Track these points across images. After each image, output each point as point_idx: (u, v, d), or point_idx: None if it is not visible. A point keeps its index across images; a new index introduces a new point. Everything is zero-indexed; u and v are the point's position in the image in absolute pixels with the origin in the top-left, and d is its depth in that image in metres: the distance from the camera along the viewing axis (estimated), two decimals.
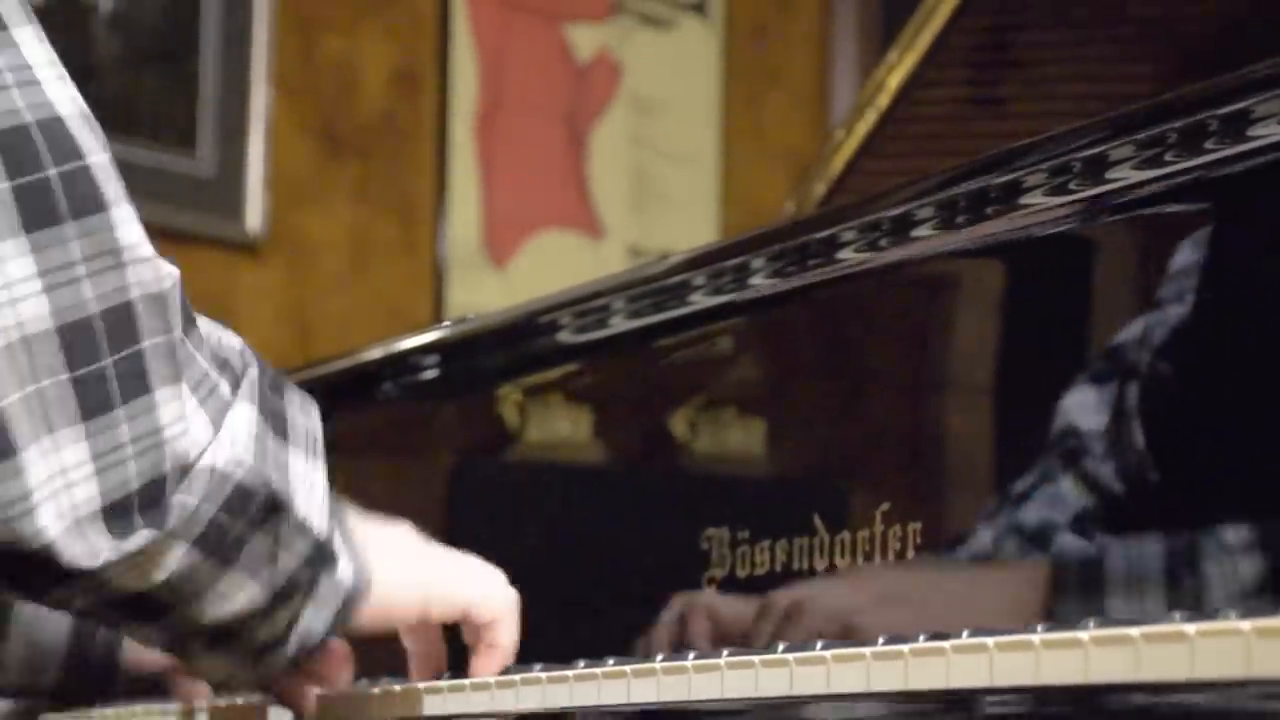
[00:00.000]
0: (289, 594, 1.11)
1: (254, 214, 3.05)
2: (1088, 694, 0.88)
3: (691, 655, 1.10)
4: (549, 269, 3.34)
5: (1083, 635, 0.87)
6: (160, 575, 1.05)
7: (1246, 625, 0.81)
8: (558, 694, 1.16)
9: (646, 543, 1.39)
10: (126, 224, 1.05)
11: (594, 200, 3.49)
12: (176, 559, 1.05)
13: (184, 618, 1.09)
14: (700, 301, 1.36)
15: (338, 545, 1.15)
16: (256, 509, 1.08)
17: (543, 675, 1.17)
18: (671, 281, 1.38)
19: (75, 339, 1.01)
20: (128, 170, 1.13)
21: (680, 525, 1.33)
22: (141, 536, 1.02)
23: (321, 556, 1.12)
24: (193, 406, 1.04)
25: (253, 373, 1.10)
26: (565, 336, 1.47)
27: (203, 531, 1.05)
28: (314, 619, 1.14)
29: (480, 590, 1.26)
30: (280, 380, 1.13)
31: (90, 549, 1.01)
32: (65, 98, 1.06)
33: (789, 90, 3.72)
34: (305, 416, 1.14)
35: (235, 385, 1.08)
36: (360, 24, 3.22)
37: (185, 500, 1.04)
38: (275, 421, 1.10)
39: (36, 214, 1.01)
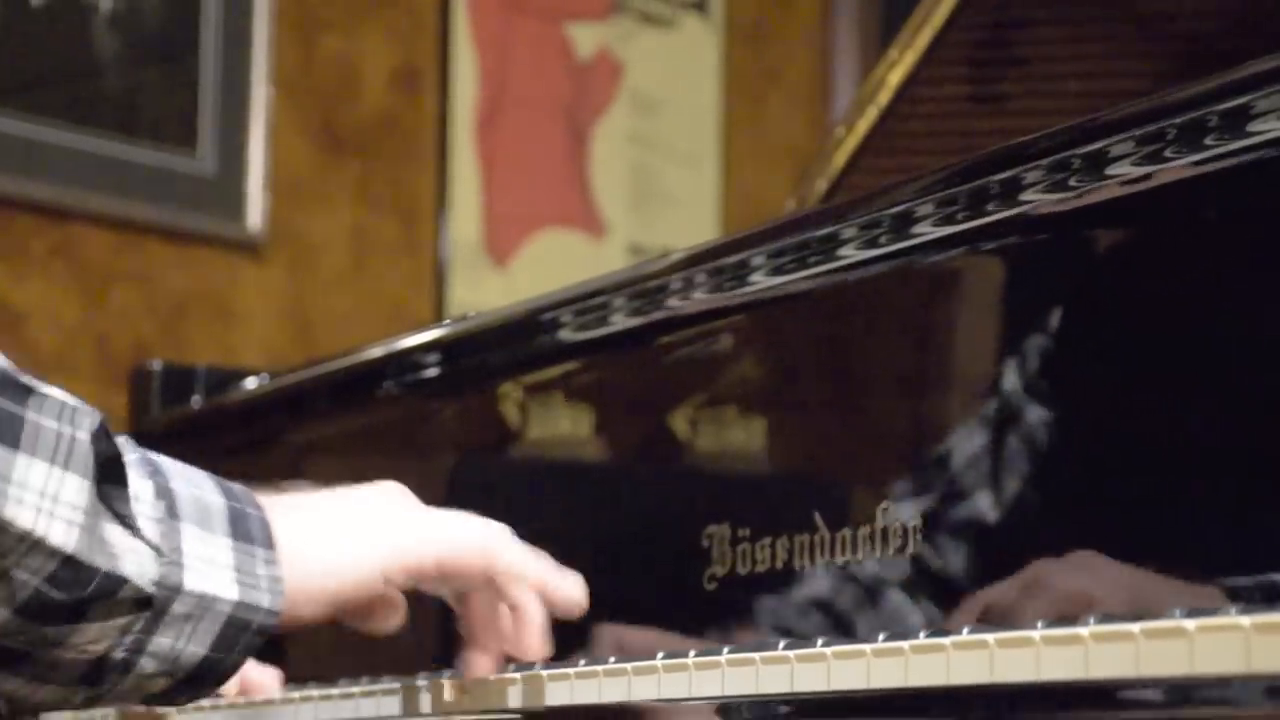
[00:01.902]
0: (48, 614, 1.04)
1: (254, 213, 3.05)
2: (1089, 690, 0.88)
3: (692, 653, 1.10)
4: (550, 268, 3.34)
5: (1083, 631, 0.87)
6: None
7: (1246, 621, 0.81)
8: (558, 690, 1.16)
9: (648, 540, 1.39)
10: None
11: (595, 199, 3.49)
12: None
13: None
14: (701, 299, 1.36)
15: (188, 558, 1.07)
16: None
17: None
18: (672, 279, 1.38)
19: None
20: (128, 170, 1.11)
21: (681, 523, 1.33)
22: None
23: (79, 576, 1.03)
24: None
25: None
26: (566, 334, 1.47)
27: None
28: (181, 642, 1.08)
29: (448, 536, 1.20)
30: (29, 387, 1.04)
31: None
32: None
33: (789, 88, 3.72)
34: (63, 425, 1.05)
35: None
36: (361, 23, 3.22)
37: None
38: (2, 432, 1.02)
39: None
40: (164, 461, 1.12)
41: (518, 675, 1.20)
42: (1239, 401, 1.04)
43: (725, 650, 1.07)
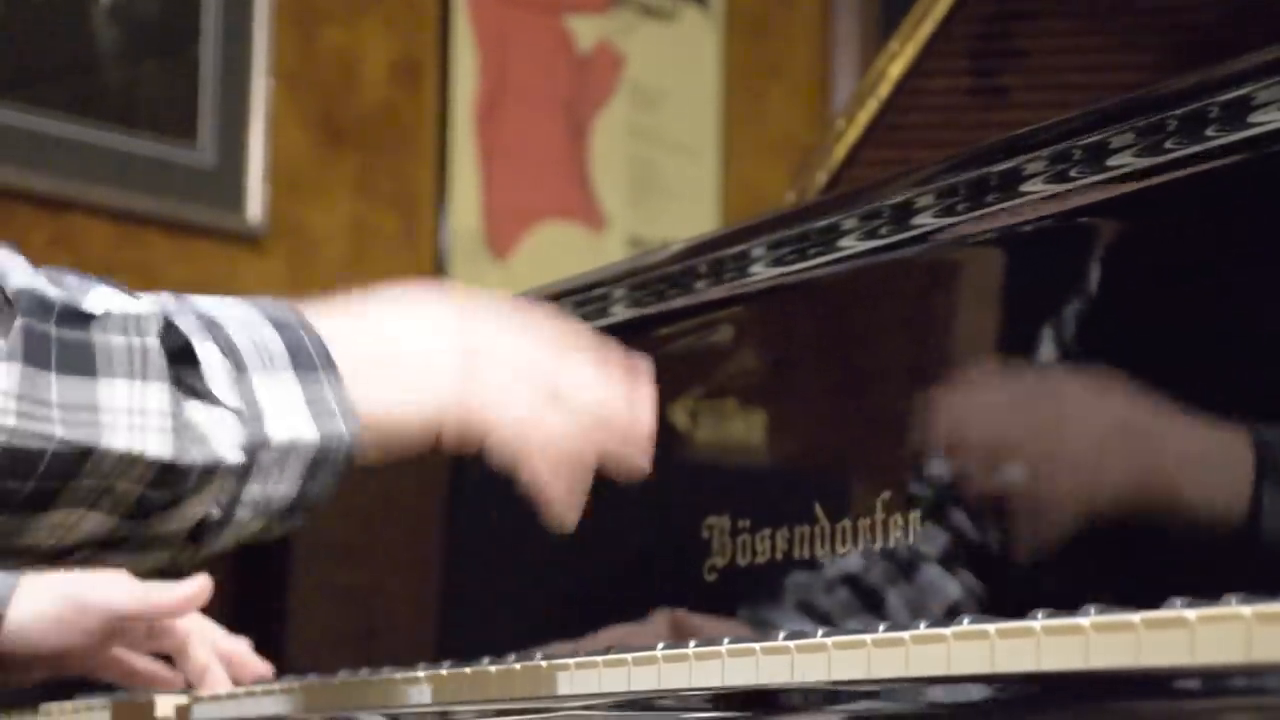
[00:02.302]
0: (151, 509, 1.06)
1: (254, 205, 3.05)
2: (1089, 680, 0.88)
3: (693, 643, 1.10)
4: (550, 260, 3.34)
5: (1083, 621, 0.87)
6: None
7: (1247, 610, 0.81)
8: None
9: (648, 531, 1.39)
10: None
11: (595, 191, 3.49)
12: None
13: (21, 550, 1.06)
14: (701, 290, 1.36)
15: (263, 406, 1.07)
16: (52, 465, 1.02)
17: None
18: (672, 270, 1.38)
19: None
20: (128, 161, 1.11)
21: (681, 514, 1.33)
22: None
23: (178, 478, 1.05)
24: None
25: (22, 322, 1.03)
26: None
27: None
28: (272, 487, 1.08)
29: (510, 398, 1.13)
30: (86, 314, 1.04)
31: None
32: None
33: (789, 81, 3.72)
34: (131, 336, 1.06)
35: None
36: (361, 15, 3.22)
37: None
38: (69, 359, 1.03)
39: None
40: (215, 309, 1.11)
41: (517, 665, 1.20)
42: (1240, 392, 1.04)
43: (725, 641, 1.07)
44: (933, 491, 1.19)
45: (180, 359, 1.07)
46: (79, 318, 1.05)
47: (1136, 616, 0.85)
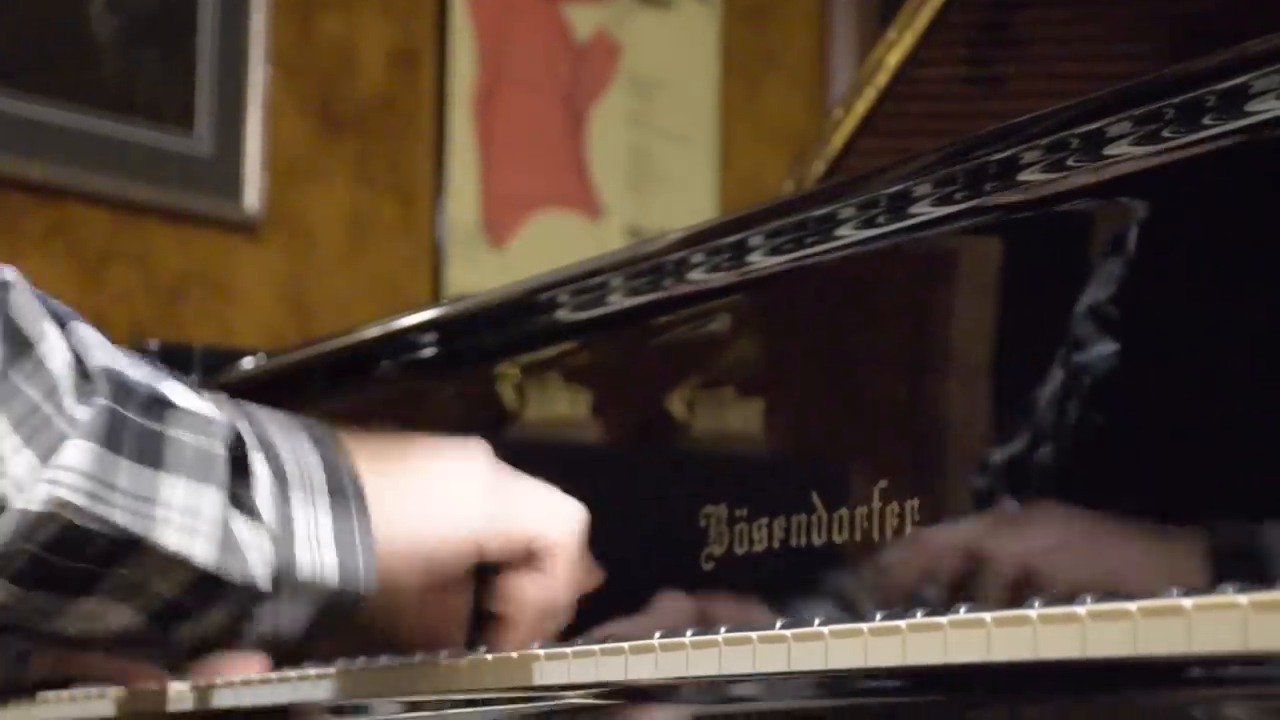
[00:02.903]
0: (179, 615, 1.07)
1: (252, 193, 3.05)
2: (1085, 669, 0.88)
3: (689, 632, 1.10)
4: (547, 248, 3.34)
5: (1079, 610, 0.87)
6: None
7: (1244, 599, 0.81)
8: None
9: (645, 520, 1.39)
10: None
11: (593, 180, 3.48)
12: None
13: (47, 635, 1.06)
14: (698, 279, 1.36)
15: (297, 530, 1.09)
16: (101, 549, 1.02)
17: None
18: (669, 259, 1.38)
19: None
20: (126, 150, 1.12)
21: (678, 503, 1.33)
22: None
23: (214, 589, 1.06)
24: (12, 445, 0.99)
25: (102, 402, 1.03)
26: (563, 315, 1.47)
27: (19, 569, 1.01)
28: (285, 611, 1.09)
29: (543, 512, 1.19)
30: (166, 402, 1.06)
31: None
32: None
33: (788, 70, 3.71)
34: (200, 436, 1.06)
35: (71, 419, 1.01)
36: (358, 3, 3.22)
37: None
38: (140, 448, 1.03)
39: None
40: (268, 426, 1.12)
41: (514, 654, 1.20)
42: (1237, 382, 1.04)
43: (722, 629, 1.08)
44: (930, 480, 1.19)
45: (238, 471, 1.08)
46: (159, 405, 1.05)
47: (1133, 605, 0.85)
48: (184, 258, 2.99)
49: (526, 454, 1.55)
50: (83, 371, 1.04)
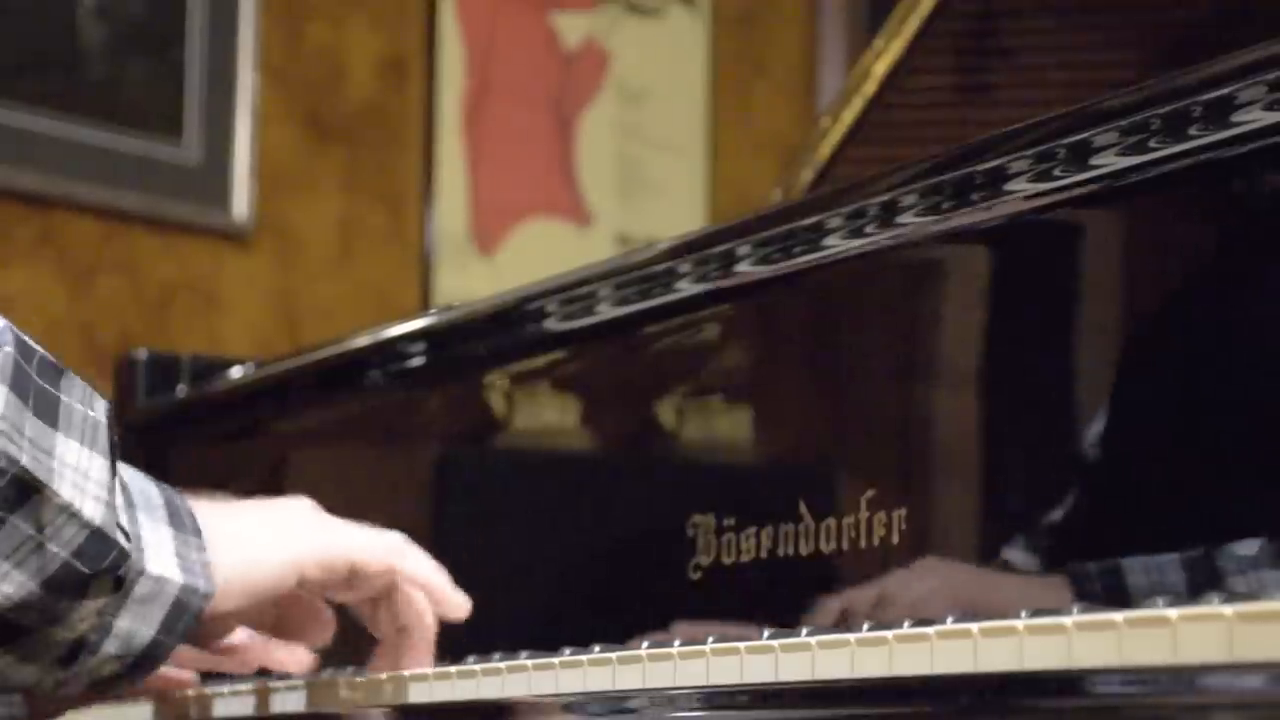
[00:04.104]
0: (66, 588, 1.10)
1: (241, 202, 3.05)
2: (1072, 679, 0.88)
3: (677, 643, 1.10)
4: (536, 257, 3.34)
5: (1066, 621, 0.88)
6: None
7: (1229, 610, 0.81)
8: (543, 680, 1.16)
9: (633, 529, 1.40)
10: None
11: (581, 188, 3.49)
12: None
13: None
14: (687, 288, 1.36)
15: (145, 543, 1.15)
16: (5, 492, 1.06)
17: (529, 663, 1.17)
18: (658, 268, 1.38)
19: None
20: (114, 158, 1.14)
21: (666, 512, 1.33)
22: None
23: (102, 549, 1.11)
24: None
25: (9, 349, 1.09)
26: (552, 323, 1.47)
27: None
28: (137, 624, 1.15)
29: (359, 540, 1.28)
30: (60, 368, 1.12)
31: None
32: None
33: (776, 78, 3.72)
34: (87, 408, 1.12)
35: None
36: (347, 11, 3.22)
37: None
38: (40, 404, 1.09)
39: None
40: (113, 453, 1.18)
41: (503, 665, 1.20)
42: (1220, 390, 1.05)
43: (710, 640, 1.08)
44: (917, 490, 1.19)
45: (114, 458, 1.14)
46: (53, 370, 1.11)
47: (1119, 615, 0.85)
48: (173, 267, 2.99)
49: (514, 463, 1.56)
50: None
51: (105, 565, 1.11)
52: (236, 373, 1.86)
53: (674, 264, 1.37)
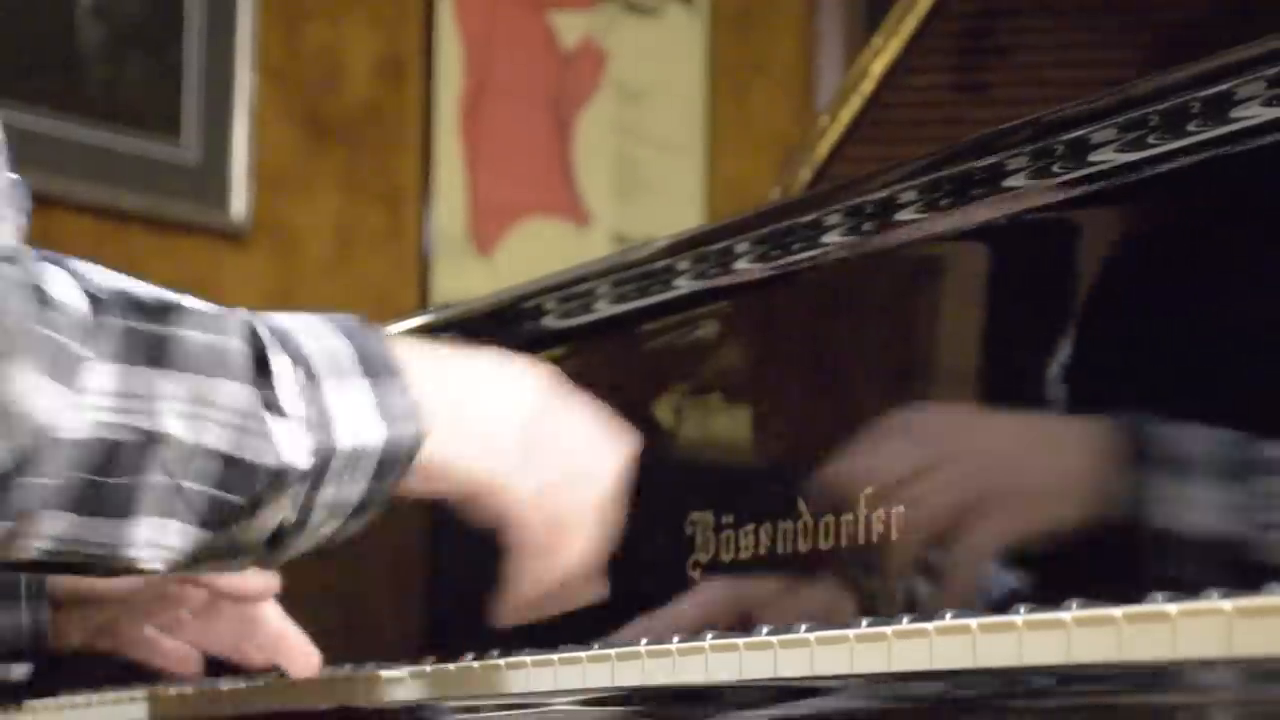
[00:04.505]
0: (229, 517, 1.08)
1: (239, 202, 3.05)
2: (1071, 674, 0.88)
3: (676, 639, 1.10)
4: (534, 256, 3.34)
5: (1065, 616, 0.88)
6: (44, 545, 1.04)
7: (1228, 605, 0.81)
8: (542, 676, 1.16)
9: (631, 527, 1.39)
10: None
11: (579, 187, 3.49)
12: (55, 527, 1.04)
13: (129, 564, 1.08)
14: (685, 286, 1.36)
15: (331, 416, 1.10)
16: (130, 457, 1.05)
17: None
18: (656, 266, 1.38)
19: None
20: (112, 158, 1.13)
21: (665, 510, 1.33)
22: None
23: (244, 474, 1.07)
24: (36, 383, 1.02)
25: (116, 321, 1.06)
26: (550, 322, 1.47)
27: (76, 497, 1.04)
28: (343, 490, 1.11)
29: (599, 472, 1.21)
30: (168, 304, 1.09)
31: None
32: None
33: (774, 77, 3.72)
34: (208, 333, 1.09)
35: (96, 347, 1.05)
36: (345, 11, 3.22)
37: (35, 481, 1.02)
38: (150, 355, 1.06)
39: None
40: (286, 323, 1.14)
41: (501, 662, 1.20)
42: (1224, 386, 1.05)
43: (709, 636, 1.08)
44: (916, 487, 1.19)
45: (260, 368, 1.10)
46: (165, 310, 1.08)
47: (1118, 611, 0.85)
48: (170, 266, 2.98)
49: None
50: (93, 298, 1.07)
51: (259, 489, 1.08)
52: None
53: (672, 261, 1.37)
